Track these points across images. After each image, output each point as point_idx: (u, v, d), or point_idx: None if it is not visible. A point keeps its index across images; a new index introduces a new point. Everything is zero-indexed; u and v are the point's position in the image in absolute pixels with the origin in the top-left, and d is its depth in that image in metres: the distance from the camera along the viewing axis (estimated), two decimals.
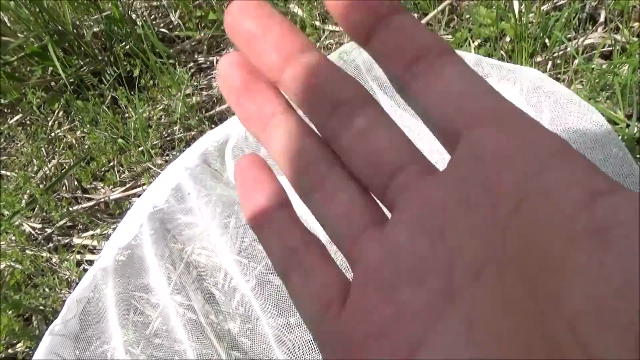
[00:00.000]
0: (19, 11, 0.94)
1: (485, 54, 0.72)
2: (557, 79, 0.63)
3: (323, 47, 0.88)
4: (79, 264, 0.76)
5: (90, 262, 0.76)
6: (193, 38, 1.02)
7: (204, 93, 0.95)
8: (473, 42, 0.74)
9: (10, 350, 0.67)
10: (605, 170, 0.43)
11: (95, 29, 0.97)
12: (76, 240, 0.79)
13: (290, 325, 0.55)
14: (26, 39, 0.93)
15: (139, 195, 0.76)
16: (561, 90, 0.48)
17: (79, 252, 0.77)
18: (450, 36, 0.77)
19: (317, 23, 0.92)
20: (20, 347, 0.67)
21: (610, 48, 0.62)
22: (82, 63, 0.97)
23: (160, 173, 0.77)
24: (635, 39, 0.57)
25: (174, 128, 0.88)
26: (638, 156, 0.49)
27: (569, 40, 0.64)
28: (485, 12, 0.67)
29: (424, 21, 0.80)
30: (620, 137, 0.48)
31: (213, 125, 0.86)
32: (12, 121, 0.98)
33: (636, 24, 0.62)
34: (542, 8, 0.68)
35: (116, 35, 0.96)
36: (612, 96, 0.53)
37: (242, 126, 0.79)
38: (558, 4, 0.71)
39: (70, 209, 0.83)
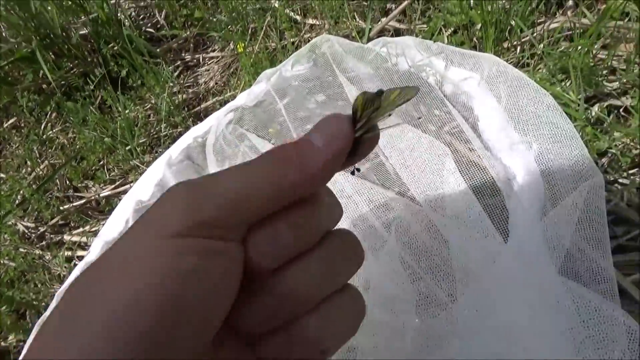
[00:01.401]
0: (9, 16, 0.96)
1: (459, 42, 0.72)
2: (525, 64, 0.64)
3: (303, 41, 0.89)
4: (70, 259, 0.78)
5: (81, 258, 0.78)
6: (180, 37, 1.04)
7: (190, 90, 0.96)
8: (446, 30, 0.74)
9: (3, 343, 0.69)
10: (553, 147, 0.43)
11: (83, 31, 0.99)
12: (67, 237, 0.82)
13: None
14: (17, 44, 0.95)
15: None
16: (515, 74, 0.48)
17: (69, 249, 0.80)
18: (425, 25, 0.78)
19: (298, 17, 0.93)
20: (11, 340, 0.69)
21: (572, 31, 0.62)
22: (71, 65, 1.00)
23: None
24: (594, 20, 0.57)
25: (161, 126, 0.90)
26: (587, 138, 0.50)
27: (535, 25, 0.64)
28: (454, 0, 0.68)
29: (399, 9, 0.81)
30: (573, 119, 0.48)
31: (198, 122, 0.88)
32: (6, 125, 1.01)
33: (604, 6, 0.62)
34: None
35: (103, 37, 0.98)
36: (568, 79, 0.53)
37: (222, 122, 0.79)
38: None
39: (62, 207, 0.85)
